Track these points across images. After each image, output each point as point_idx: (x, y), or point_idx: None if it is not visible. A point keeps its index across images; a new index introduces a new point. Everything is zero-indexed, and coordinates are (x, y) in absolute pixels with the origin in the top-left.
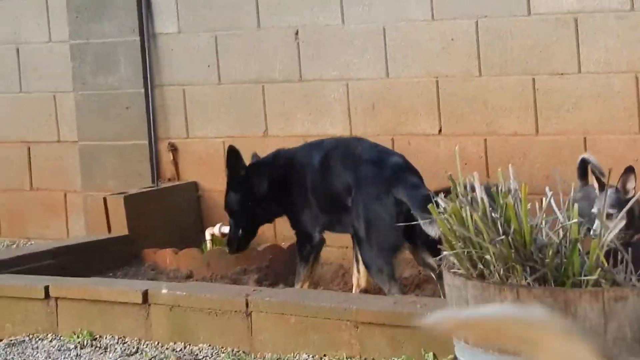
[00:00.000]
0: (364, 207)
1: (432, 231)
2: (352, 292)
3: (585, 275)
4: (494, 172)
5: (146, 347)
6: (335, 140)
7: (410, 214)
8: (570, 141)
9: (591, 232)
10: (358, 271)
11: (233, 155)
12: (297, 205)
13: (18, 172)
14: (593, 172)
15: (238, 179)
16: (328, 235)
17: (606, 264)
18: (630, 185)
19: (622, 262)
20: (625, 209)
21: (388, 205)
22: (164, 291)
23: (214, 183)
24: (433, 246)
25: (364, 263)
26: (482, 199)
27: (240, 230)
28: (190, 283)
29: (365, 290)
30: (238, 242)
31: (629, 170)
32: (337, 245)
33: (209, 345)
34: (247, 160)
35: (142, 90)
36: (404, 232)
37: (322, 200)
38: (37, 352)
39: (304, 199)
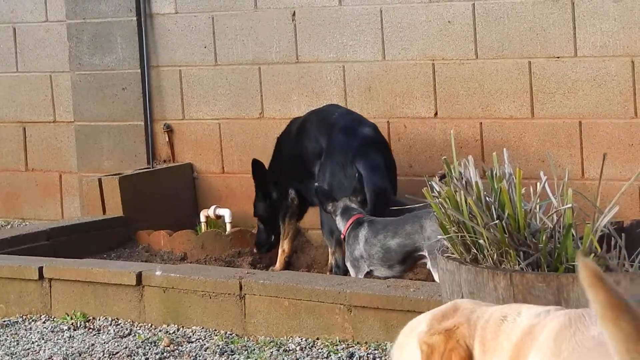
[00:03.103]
0: (330, 173)
1: None
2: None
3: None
4: (489, 156)
5: (139, 329)
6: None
7: None
8: (566, 125)
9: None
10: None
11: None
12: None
13: (13, 153)
14: None
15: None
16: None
17: (599, 249)
18: None
19: (615, 247)
20: None
21: (349, 176)
22: (158, 273)
23: (210, 165)
24: None
25: (321, 221)
26: (476, 183)
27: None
28: (184, 265)
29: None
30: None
31: None
32: None
33: (202, 328)
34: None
35: (139, 70)
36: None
37: (294, 165)
38: (31, 333)
39: (281, 163)
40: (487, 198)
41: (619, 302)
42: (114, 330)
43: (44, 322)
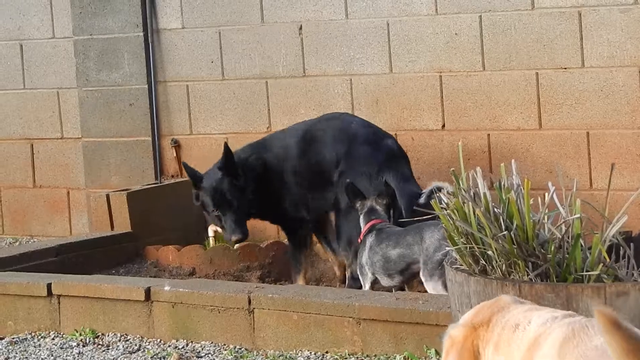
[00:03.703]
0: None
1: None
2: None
3: (587, 271)
4: (497, 167)
5: (148, 344)
6: (322, 116)
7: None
8: (574, 136)
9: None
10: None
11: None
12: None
13: (21, 169)
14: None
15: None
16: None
17: (608, 259)
18: None
19: (624, 257)
20: None
21: (375, 185)
22: (167, 288)
23: None
24: None
25: (338, 233)
26: (484, 194)
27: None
28: (192, 280)
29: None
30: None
31: None
32: None
33: (212, 343)
34: None
35: (146, 86)
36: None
37: (311, 175)
38: (40, 350)
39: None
40: (495, 209)
41: (635, 348)
42: (123, 346)
43: (53, 339)
